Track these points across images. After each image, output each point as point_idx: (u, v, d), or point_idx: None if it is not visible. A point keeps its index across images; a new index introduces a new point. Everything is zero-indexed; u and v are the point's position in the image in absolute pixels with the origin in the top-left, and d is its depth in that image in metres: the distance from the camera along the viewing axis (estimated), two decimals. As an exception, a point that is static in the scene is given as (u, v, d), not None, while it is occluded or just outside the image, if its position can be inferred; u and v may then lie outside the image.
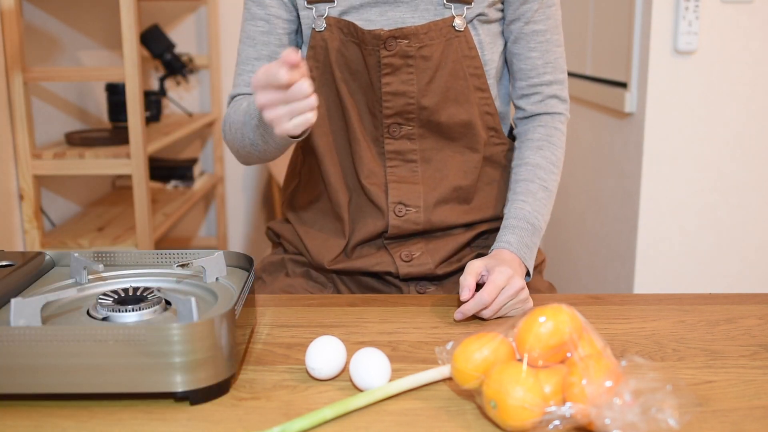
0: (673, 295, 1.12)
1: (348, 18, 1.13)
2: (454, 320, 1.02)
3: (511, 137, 1.27)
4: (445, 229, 1.19)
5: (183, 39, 2.93)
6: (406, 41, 1.10)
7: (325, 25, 1.13)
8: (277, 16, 1.16)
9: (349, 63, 1.13)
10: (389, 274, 1.17)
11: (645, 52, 1.98)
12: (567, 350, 0.76)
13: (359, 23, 1.12)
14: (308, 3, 1.14)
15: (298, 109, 0.90)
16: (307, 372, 0.86)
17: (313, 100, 0.90)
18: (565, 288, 2.63)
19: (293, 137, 1.02)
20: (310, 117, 0.90)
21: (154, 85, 2.97)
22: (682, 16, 1.92)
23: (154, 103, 2.57)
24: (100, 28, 2.61)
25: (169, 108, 2.93)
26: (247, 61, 1.19)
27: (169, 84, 2.94)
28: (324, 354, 0.84)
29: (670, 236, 2.06)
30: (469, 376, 0.78)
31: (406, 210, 1.16)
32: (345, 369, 0.87)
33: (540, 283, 1.22)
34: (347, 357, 0.89)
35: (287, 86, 0.88)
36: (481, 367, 0.77)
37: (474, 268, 1.03)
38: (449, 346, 0.83)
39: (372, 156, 1.16)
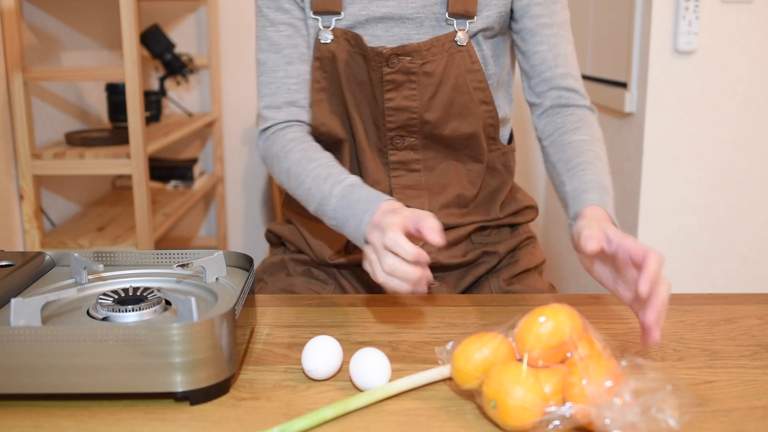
0: (673, 295, 1.12)
1: (354, 32, 1.13)
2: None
3: (508, 142, 1.27)
4: (446, 229, 1.20)
5: (183, 39, 2.93)
6: (409, 58, 1.11)
7: (331, 36, 1.13)
8: (299, 18, 1.16)
9: (356, 74, 1.14)
10: None
11: (645, 52, 1.98)
12: (567, 350, 0.76)
13: (364, 38, 1.12)
14: (314, 13, 1.14)
15: (403, 273, 0.87)
16: (305, 373, 0.86)
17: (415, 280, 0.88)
18: (565, 288, 2.63)
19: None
20: (406, 288, 0.88)
21: (154, 85, 2.97)
22: (682, 16, 1.92)
23: (154, 103, 2.57)
24: (100, 28, 2.60)
25: (169, 108, 2.93)
26: (276, 68, 1.17)
27: (169, 84, 2.93)
28: (320, 355, 0.84)
29: (670, 236, 2.06)
30: (469, 376, 0.78)
31: None
32: (342, 368, 0.87)
33: (540, 283, 1.22)
34: (346, 356, 0.89)
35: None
36: (481, 367, 0.77)
37: (598, 231, 0.86)
38: (449, 346, 0.83)
39: (377, 165, 1.18)
